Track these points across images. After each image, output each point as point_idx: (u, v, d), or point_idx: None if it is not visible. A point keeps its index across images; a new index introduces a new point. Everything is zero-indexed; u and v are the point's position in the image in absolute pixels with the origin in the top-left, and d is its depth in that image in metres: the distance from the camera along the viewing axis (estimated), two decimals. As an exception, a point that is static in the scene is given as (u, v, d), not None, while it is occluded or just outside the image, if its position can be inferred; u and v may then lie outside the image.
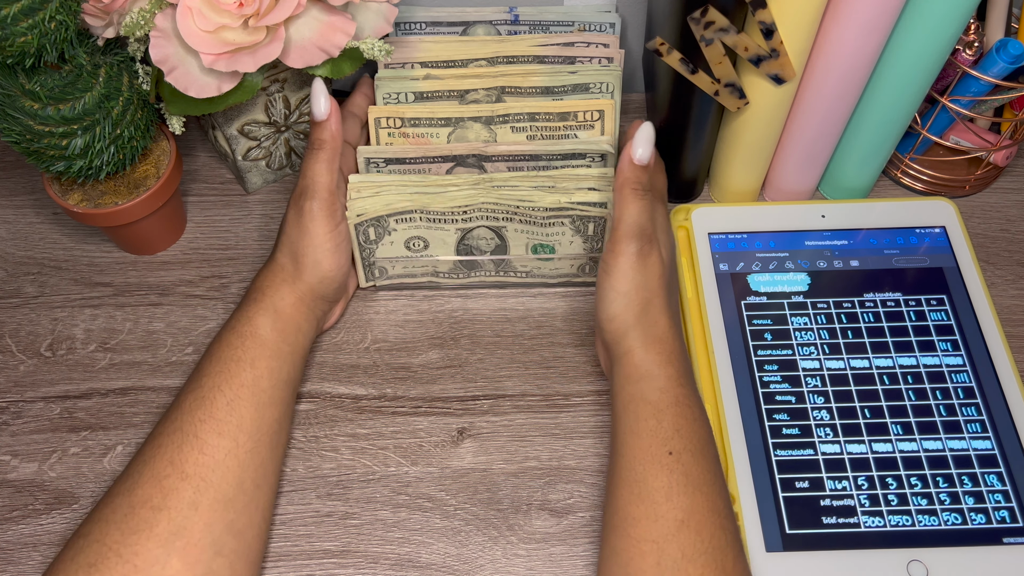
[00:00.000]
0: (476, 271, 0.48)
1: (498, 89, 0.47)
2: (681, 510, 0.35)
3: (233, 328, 0.40)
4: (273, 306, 0.41)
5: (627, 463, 0.37)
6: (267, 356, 0.40)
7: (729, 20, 0.40)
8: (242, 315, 0.41)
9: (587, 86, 0.46)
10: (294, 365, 0.41)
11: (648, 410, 0.37)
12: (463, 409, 0.45)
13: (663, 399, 0.37)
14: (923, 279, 0.47)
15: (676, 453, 0.36)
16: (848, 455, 0.41)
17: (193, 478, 0.35)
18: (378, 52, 0.43)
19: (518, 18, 0.50)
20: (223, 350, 0.40)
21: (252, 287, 0.42)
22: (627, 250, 0.39)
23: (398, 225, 0.44)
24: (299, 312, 0.42)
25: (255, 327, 0.40)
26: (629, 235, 0.39)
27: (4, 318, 0.49)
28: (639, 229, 0.39)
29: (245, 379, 0.39)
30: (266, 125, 0.50)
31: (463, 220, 0.44)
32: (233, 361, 0.39)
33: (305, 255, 0.42)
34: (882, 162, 0.50)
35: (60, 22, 0.37)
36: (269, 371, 0.40)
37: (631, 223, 0.39)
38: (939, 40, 0.42)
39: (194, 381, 0.39)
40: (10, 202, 0.54)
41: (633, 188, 0.39)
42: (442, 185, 0.44)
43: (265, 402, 0.39)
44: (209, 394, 0.38)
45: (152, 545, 0.34)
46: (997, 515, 0.39)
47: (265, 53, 0.41)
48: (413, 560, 0.40)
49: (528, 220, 0.44)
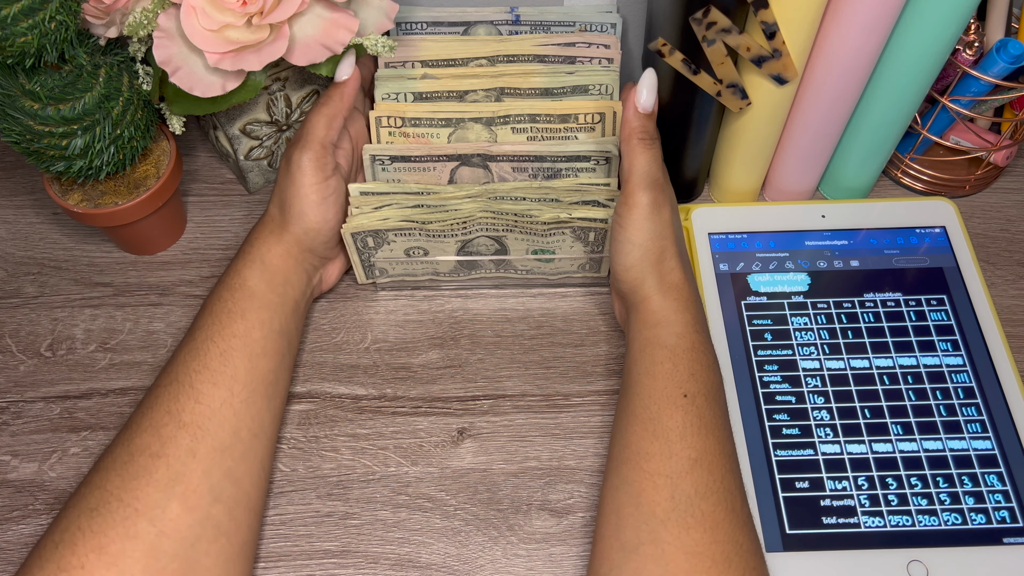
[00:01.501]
0: (476, 270, 0.48)
1: (497, 90, 0.47)
2: (695, 449, 0.35)
3: (224, 282, 0.41)
4: (260, 257, 0.42)
5: (642, 402, 0.37)
6: (256, 307, 0.40)
7: (731, 20, 0.40)
8: (232, 268, 0.42)
9: (586, 88, 0.46)
10: (285, 316, 0.42)
11: (664, 353, 0.38)
12: (463, 409, 0.45)
13: (680, 344, 0.38)
14: (923, 279, 0.47)
15: (691, 396, 0.37)
16: (848, 455, 0.41)
17: (190, 426, 0.36)
18: (382, 48, 0.43)
19: (519, 18, 0.50)
20: (214, 303, 0.40)
21: (244, 240, 0.43)
22: (641, 201, 0.39)
23: (397, 238, 0.44)
24: (286, 263, 0.42)
25: (243, 279, 0.41)
26: (641, 185, 0.39)
27: (4, 318, 0.49)
28: (651, 179, 0.40)
29: (236, 330, 0.39)
30: (268, 124, 0.50)
31: (463, 233, 0.44)
32: (224, 313, 0.40)
33: (292, 205, 0.42)
34: (882, 162, 0.50)
35: (60, 22, 0.37)
36: (259, 322, 0.40)
37: (643, 173, 0.40)
38: (939, 40, 0.42)
39: (189, 335, 0.40)
40: (10, 202, 0.54)
41: (640, 138, 0.40)
42: (443, 198, 0.44)
43: (258, 352, 0.39)
44: (203, 346, 0.39)
45: (151, 490, 0.34)
46: (997, 515, 0.39)
47: (270, 51, 0.41)
48: (413, 560, 0.40)
49: (528, 231, 0.44)
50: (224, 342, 0.39)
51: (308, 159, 0.41)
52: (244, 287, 0.41)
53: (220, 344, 0.39)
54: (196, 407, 0.37)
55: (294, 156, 0.42)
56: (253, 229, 0.43)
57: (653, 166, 0.40)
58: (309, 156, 0.41)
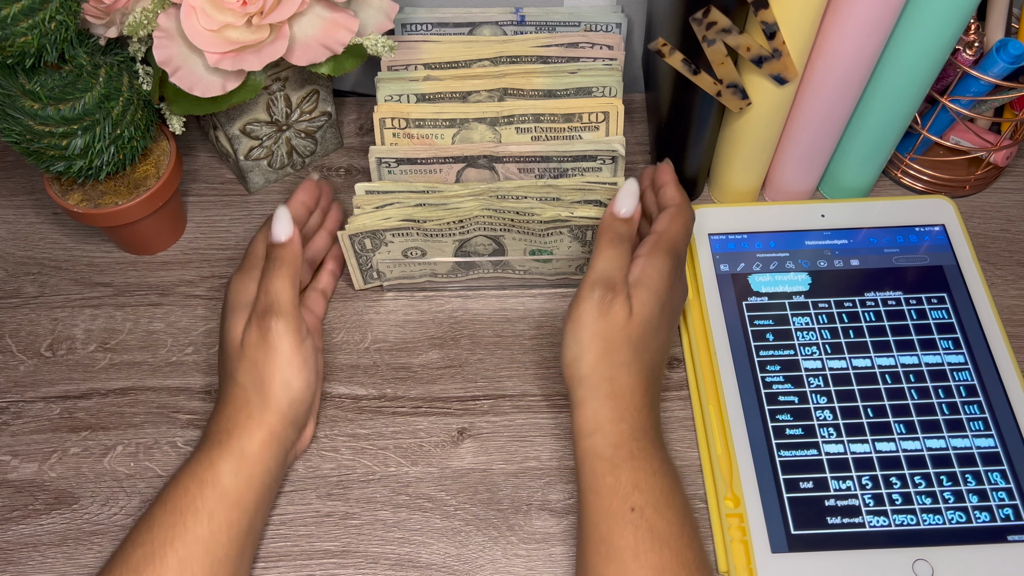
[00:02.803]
0: (474, 271, 0.47)
1: (500, 91, 0.47)
2: (650, 568, 0.34)
3: (192, 472, 0.37)
4: (240, 448, 0.37)
5: (592, 521, 0.36)
6: (227, 507, 0.36)
7: (731, 20, 0.40)
8: (203, 457, 0.37)
9: (589, 90, 0.46)
10: (258, 513, 0.38)
11: (604, 466, 0.36)
12: (463, 409, 0.45)
13: (617, 455, 0.36)
14: (923, 277, 0.47)
15: (639, 509, 0.35)
16: (852, 455, 0.41)
17: None
18: (382, 48, 0.43)
19: (524, 19, 0.50)
20: (180, 497, 0.36)
21: (213, 426, 0.39)
22: (589, 296, 0.38)
23: (395, 238, 0.44)
24: (268, 450, 0.38)
25: (217, 473, 0.37)
26: (592, 282, 0.38)
27: (4, 318, 0.49)
28: (605, 277, 0.38)
29: (200, 533, 0.35)
30: (268, 124, 0.50)
31: (460, 232, 0.44)
32: (190, 512, 0.36)
33: (273, 377, 0.38)
34: (882, 162, 0.50)
35: (60, 22, 0.37)
36: (228, 524, 0.36)
37: (597, 271, 0.38)
38: (939, 40, 0.42)
39: (144, 530, 0.36)
40: (10, 202, 0.54)
41: (609, 238, 0.39)
42: (445, 197, 0.44)
43: (220, 558, 0.36)
44: (160, 550, 0.35)
45: None
46: (1001, 513, 0.39)
47: (270, 51, 0.41)
48: (413, 560, 0.40)
49: (526, 231, 0.44)
50: (185, 548, 0.35)
51: (285, 326, 0.38)
52: (217, 484, 0.36)
53: (180, 550, 0.35)
54: None
55: (271, 325, 0.38)
56: (220, 415, 0.39)
57: (611, 265, 0.38)
58: (286, 323, 0.38)
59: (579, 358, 0.38)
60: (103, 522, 0.41)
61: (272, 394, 0.38)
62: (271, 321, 0.39)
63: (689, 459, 0.43)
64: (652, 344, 0.39)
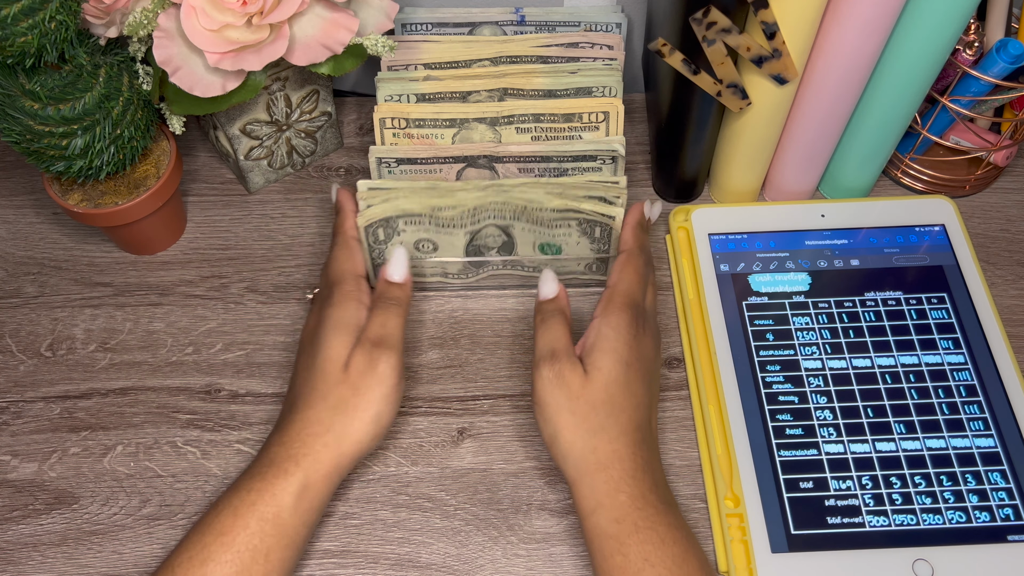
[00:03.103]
0: (484, 268, 0.47)
1: (500, 91, 0.47)
2: None
3: (254, 507, 0.35)
4: (304, 479, 0.35)
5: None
6: (283, 546, 0.35)
7: (731, 20, 0.40)
8: (266, 489, 0.35)
9: (589, 90, 0.46)
10: (302, 549, 0.36)
11: (611, 545, 0.35)
12: (463, 409, 0.45)
13: (622, 530, 0.35)
14: (923, 277, 0.47)
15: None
16: (852, 455, 0.41)
17: None
18: (382, 48, 0.43)
19: (524, 19, 0.50)
20: (238, 533, 0.34)
21: (280, 450, 0.36)
22: (538, 376, 0.37)
23: (407, 227, 0.44)
24: (328, 485, 0.36)
25: (279, 506, 0.35)
26: (536, 363, 0.38)
27: (4, 318, 0.49)
28: (545, 353, 0.38)
29: (255, 574, 0.34)
30: (268, 124, 0.50)
31: (472, 223, 0.44)
32: (248, 551, 0.34)
33: (369, 408, 0.37)
34: (882, 162, 0.50)
35: (60, 22, 0.37)
36: (280, 562, 0.35)
37: (537, 351, 0.38)
38: (939, 40, 0.42)
39: (199, 564, 0.34)
40: (10, 202, 0.54)
41: (540, 319, 0.39)
42: (452, 191, 0.44)
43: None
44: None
45: None
46: (1001, 513, 0.39)
47: (270, 51, 0.41)
48: (413, 560, 0.40)
49: (535, 220, 0.44)
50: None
51: (396, 361, 0.38)
52: (278, 521, 0.35)
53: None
54: None
55: (382, 358, 0.37)
56: (293, 438, 0.36)
57: (547, 340, 0.38)
58: (398, 358, 0.38)
59: (555, 436, 0.37)
60: (103, 522, 0.41)
61: (359, 426, 0.37)
62: (384, 353, 0.37)
63: (689, 459, 0.43)
64: (627, 403, 0.37)
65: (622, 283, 0.40)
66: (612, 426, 0.36)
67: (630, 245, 0.42)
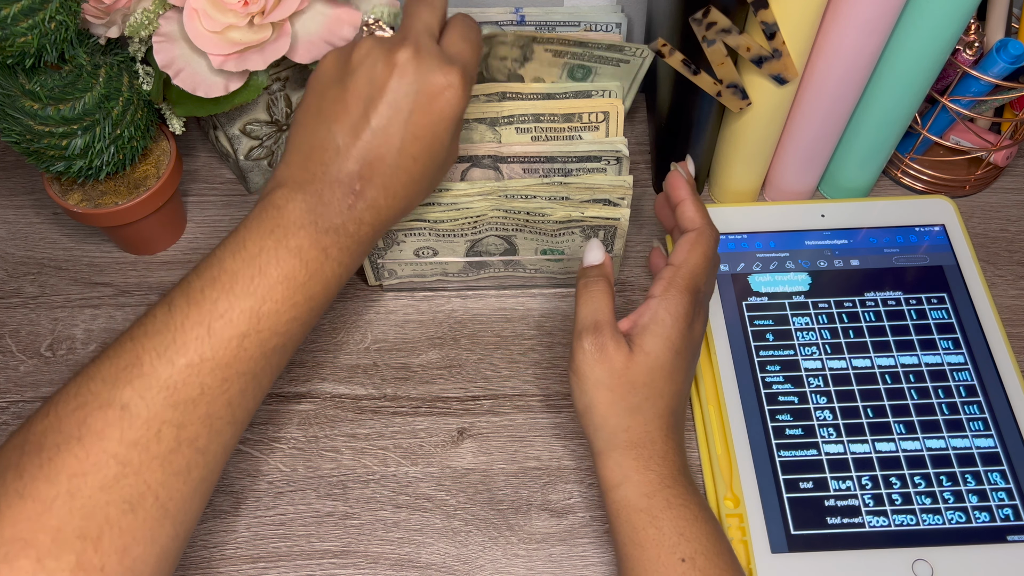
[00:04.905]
0: (485, 269, 0.47)
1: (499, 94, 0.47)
2: None
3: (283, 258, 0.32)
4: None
5: (637, 575, 0.34)
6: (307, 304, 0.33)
7: (731, 21, 0.40)
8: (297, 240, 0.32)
9: (588, 93, 0.46)
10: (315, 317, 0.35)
11: (643, 518, 0.34)
12: (463, 409, 0.45)
13: (654, 504, 0.34)
14: (923, 277, 0.47)
15: (689, 559, 0.33)
16: (851, 455, 0.41)
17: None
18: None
19: (524, 19, 0.50)
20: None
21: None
22: (579, 348, 0.36)
23: (407, 238, 0.44)
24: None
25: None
26: (578, 333, 0.37)
27: (4, 318, 0.49)
28: (589, 324, 0.37)
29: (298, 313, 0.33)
30: (268, 124, 0.50)
31: (472, 233, 0.44)
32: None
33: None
34: (882, 162, 0.50)
35: (60, 22, 0.37)
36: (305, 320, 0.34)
37: (580, 320, 0.37)
38: (939, 40, 0.42)
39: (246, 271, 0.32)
40: (10, 202, 0.54)
41: (583, 284, 0.38)
42: (455, 196, 0.43)
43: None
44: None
45: None
46: (1001, 513, 0.39)
47: (273, 50, 0.41)
48: (413, 560, 0.40)
49: (539, 231, 0.44)
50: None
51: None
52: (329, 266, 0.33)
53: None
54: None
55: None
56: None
57: (591, 310, 0.37)
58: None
59: (590, 408, 0.36)
60: (103, 522, 0.41)
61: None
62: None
63: (689, 459, 0.43)
64: (667, 390, 0.36)
65: (688, 264, 0.37)
66: (648, 409, 0.36)
67: (699, 223, 0.39)
